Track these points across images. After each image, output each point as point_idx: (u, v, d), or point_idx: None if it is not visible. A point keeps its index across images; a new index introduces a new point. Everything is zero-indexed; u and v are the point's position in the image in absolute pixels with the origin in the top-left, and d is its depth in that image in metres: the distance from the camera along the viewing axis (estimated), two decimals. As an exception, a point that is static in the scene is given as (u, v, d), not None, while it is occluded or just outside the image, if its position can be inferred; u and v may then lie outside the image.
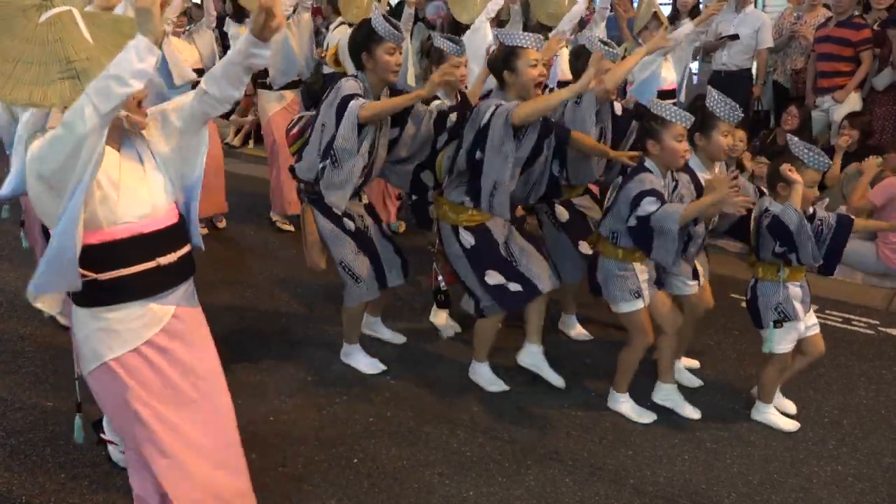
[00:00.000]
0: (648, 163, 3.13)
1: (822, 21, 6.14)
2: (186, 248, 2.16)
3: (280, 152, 5.52)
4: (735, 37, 6.22)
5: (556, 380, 3.56)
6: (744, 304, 3.58)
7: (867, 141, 5.50)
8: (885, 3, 5.93)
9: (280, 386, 3.59)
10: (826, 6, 6.26)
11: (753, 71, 6.53)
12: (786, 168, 2.94)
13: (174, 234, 2.11)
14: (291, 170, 3.55)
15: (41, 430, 3.21)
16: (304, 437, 3.18)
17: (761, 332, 3.24)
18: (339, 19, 6.16)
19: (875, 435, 3.28)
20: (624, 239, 3.14)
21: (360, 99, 3.17)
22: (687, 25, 4.62)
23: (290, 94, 5.60)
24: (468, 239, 3.34)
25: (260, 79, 5.64)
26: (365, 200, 3.68)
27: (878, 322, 4.39)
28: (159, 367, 2.09)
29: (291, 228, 5.76)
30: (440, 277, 3.64)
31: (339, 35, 5.88)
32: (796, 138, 3.07)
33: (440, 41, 3.70)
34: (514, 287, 3.33)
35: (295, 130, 3.61)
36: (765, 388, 3.31)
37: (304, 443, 3.14)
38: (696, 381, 3.63)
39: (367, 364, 3.74)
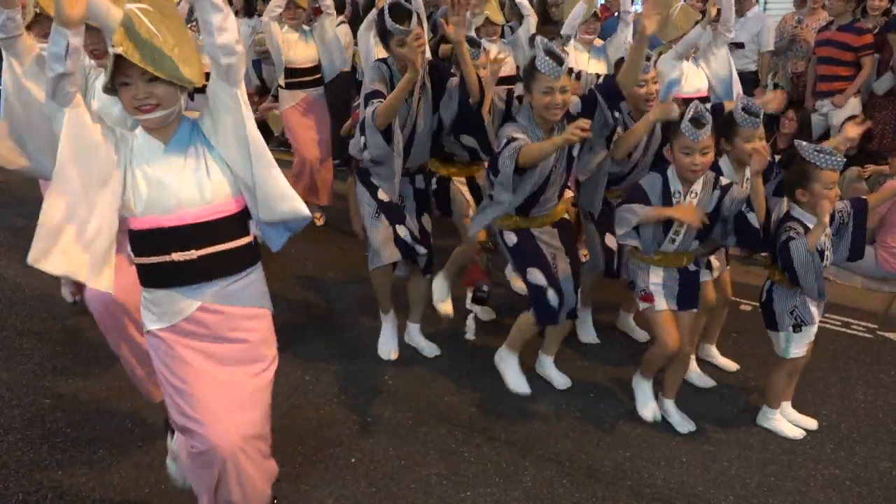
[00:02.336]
0: (670, 170, 3.10)
1: (824, 24, 6.14)
2: (220, 247, 2.15)
3: (298, 146, 5.68)
4: (740, 45, 6.20)
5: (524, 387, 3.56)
6: (742, 307, 3.60)
7: (867, 145, 5.50)
8: (881, 8, 5.94)
9: (278, 386, 3.55)
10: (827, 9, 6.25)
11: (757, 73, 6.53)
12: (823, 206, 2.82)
13: (202, 232, 2.11)
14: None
15: (39, 427, 3.21)
16: (301, 437, 3.18)
17: (772, 334, 3.21)
18: (341, 18, 6.19)
19: (873, 439, 3.28)
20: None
21: (374, 103, 3.27)
22: (695, 30, 4.51)
23: (301, 94, 5.64)
24: (511, 238, 3.38)
25: (284, 77, 5.68)
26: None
27: (876, 326, 4.39)
28: (184, 347, 2.20)
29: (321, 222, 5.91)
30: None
31: (340, 34, 5.92)
32: (804, 143, 3.01)
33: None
34: (553, 299, 3.28)
35: (356, 113, 3.85)
36: (773, 392, 3.28)
37: (301, 442, 3.14)
38: (708, 382, 3.65)
39: (382, 346, 3.86)
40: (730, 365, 3.80)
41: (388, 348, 3.84)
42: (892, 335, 4.29)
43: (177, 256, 2.10)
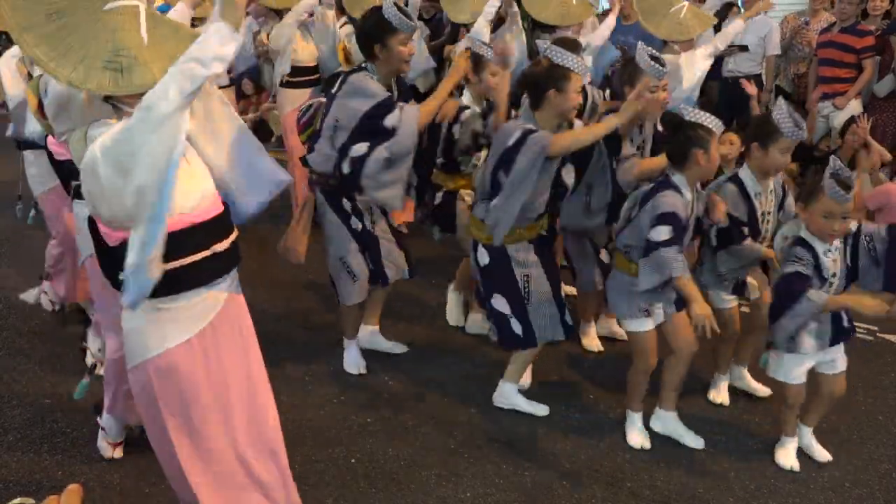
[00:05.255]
0: (677, 178, 2.96)
1: (826, 26, 6.14)
2: (234, 235, 2.22)
3: (290, 151, 5.60)
4: (744, 48, 6.18)
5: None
6: (744, 310, 3.58)
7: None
8: (882, 9, 5.94)
9: (277, 386, 3.54)
10: (835, 12, 6.25)
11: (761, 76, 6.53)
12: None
13: (223, 222, 2.17)
14: (303, 160, 3.49)
15: (38, 426, 3.21)
16: (301, 437, 3.18)
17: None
18: (343, 18, 6.19)
19: (873, 441, 3.28)
20: (637, 253, 3.00)
21: (395, 112, 3.17)
22: (737, 23, 4.57)
23: (307, 92, 5.59)
24: (484, 257, 3.21)
25: (289, 77, 5.65)
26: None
27: (876, 328, 4.38)
28: (207, 361, 2.15)
29: None
30: None
31: (344, 33, 5.91)
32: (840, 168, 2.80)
33: (480, 47, 3.62)
34: (516, 327, 3.22)
35: (305, 119, 3.60)
36: (780, 418, 3.15)
37: (301, 442, 3.14)
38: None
39: (351, 362, 3.73)
40: (760, 389, 3.56)
41: (356, 363, 3.73)
42: (892, 337, 4.29)
43: (218, 247, 2.11)
